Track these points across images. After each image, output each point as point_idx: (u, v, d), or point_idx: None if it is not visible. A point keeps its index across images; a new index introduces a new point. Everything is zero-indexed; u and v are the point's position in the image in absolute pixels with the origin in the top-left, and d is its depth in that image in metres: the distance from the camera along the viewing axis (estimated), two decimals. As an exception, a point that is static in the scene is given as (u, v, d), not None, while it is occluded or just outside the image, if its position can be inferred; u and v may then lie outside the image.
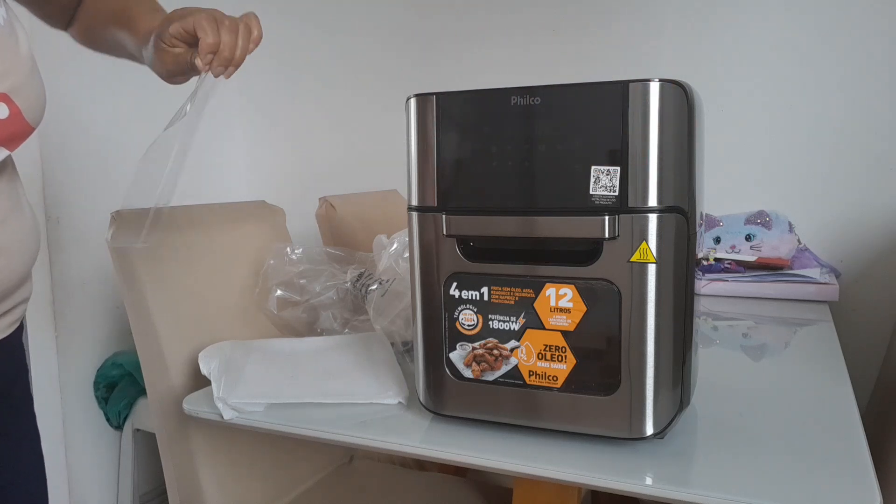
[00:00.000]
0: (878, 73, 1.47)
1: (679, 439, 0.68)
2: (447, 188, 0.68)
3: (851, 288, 1.49)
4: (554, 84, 0.62)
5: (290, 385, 0.84)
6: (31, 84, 0.64)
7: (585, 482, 0.62)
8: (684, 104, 0.61)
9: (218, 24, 0.72)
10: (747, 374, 0.95)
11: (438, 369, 0.71)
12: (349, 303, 1.10)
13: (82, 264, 1.66)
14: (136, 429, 1.70)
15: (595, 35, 1.72)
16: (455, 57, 1.90)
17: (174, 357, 0.94)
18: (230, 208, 1.19)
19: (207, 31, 0.71)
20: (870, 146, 1.49)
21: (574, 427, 0.66)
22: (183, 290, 0.99)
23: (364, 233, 1.43)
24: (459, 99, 0.67)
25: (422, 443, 0.71)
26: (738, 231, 1.54)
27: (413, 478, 1.24)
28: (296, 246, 1.14)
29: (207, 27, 0.71)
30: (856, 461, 0.62)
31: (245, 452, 1.04)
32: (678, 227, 0.62)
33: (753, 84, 1.57)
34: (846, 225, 1.52)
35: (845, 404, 0.76)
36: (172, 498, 0.98)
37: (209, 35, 0.71)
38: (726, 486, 0.58)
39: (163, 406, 0.93)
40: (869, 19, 1.46)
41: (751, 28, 1.57)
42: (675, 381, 0.65)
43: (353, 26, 2.02)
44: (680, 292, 0.64)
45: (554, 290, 0.65)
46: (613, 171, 0.61)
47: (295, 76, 2.13)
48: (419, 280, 0.71)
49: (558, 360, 0.65)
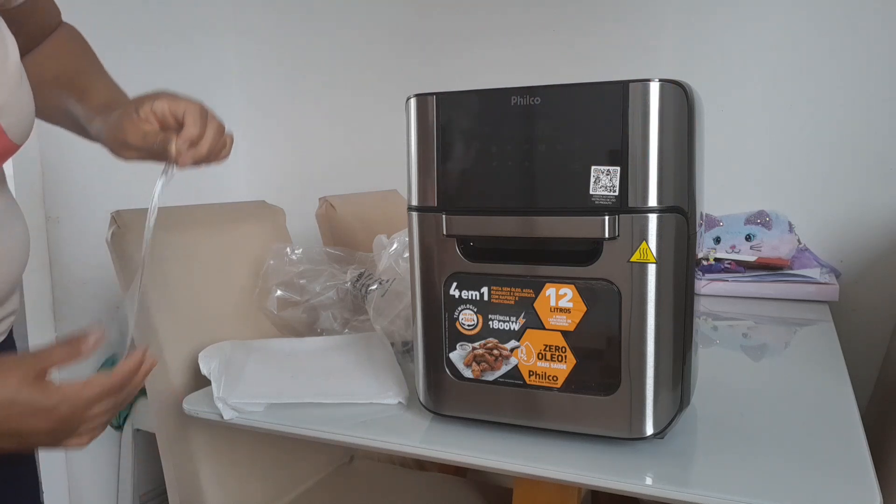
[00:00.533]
0: (878, 72, 1.47)
1: (679, 439, 0.68)
2: (447, 188, 0.68)
3: (851, 288, 1.49)
4: (554, 84, 0.62)
5: (290, 385, 0.84)
6: (17, 100, 0.62)
7: (585, 482, 0.62)
8: (684, 104, 0.61)
9: (207, 119, 0.70)
10: (747, 374, 0.95)
11: (438, 369, 0.71)
12: (349, 303, 1.10)
13: (82, 264, 1.66)
14: (136, 429, 1.70)
15: (595, 35, 1.72)
16: (455, 57, 1.90)
17: (174, 357, 0.94)
18: (230, 208, 1.19)
19: (196, 121, 0.68)
20: (870, 146, 1.49)
21: (574, 427, 0.66)
22: (183, 290, 0.99)
23: (364, 233, 1.43)
24: (459, 99, 0.67)
25: (422, 443, 0.71)
26: (738, 231, 1.54)
27: (413, 478, 1.24)
28: (296, 246, 1.14)
29: (198, 118, 0.68)
30: (856, 461, 0.62)
31: (245, 452, 1.04)
32: (678, 227, 0.62)
33: (753, 84, 1.57)
34: (846, 225, 1.52)
35: (845, 404, 0.76)
36: (172, 498, 0.98)
37: (196, 127, 0.68)
38: (726, 486, 0.58)
39: (163, 406, 0.93)
40: (869, 19, 1.46)
41: (751, 28, 1.56)
42: (675, 381, 0.65)
43: (353, 26, 2.02)
44: (680, 292, 0.64)
45: (554, 290, 0.65)
46: (613, 171, 0.61)
47: (295, 76, 2.13)
48: (419, 280, 0.71)
49: (558, 360, 0.65)
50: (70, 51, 0.83)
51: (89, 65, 0.83)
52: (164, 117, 0.68)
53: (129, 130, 0.68)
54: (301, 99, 2.13)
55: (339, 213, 1.48)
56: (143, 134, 0.68)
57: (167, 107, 0.68)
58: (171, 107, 0.68)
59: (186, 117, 0.68)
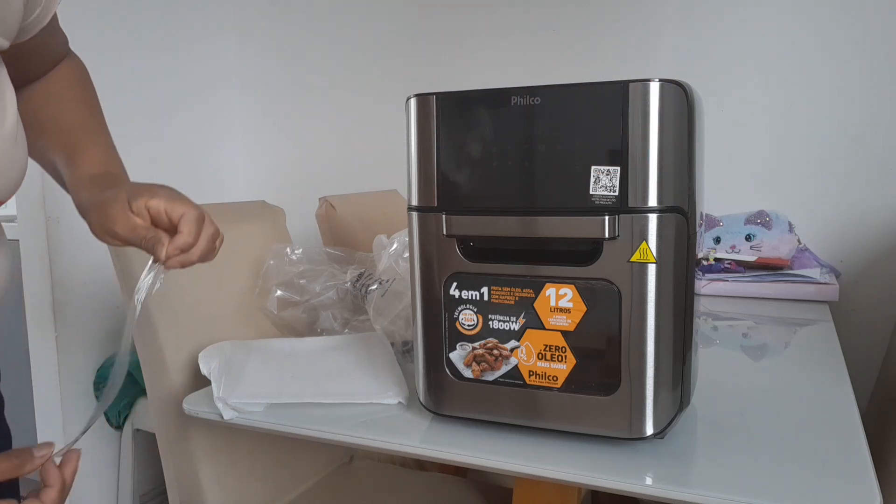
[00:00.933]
0: (878, 73, 1.47)
1: (679, 439, 0.68)
2: (447, 188, 0.68)
3: (851, 288, 1.49)
4: (554, 84, 0.62)
5: (290, 385, 0.84)
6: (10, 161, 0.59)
7: (585, 482, 0.62)
8: (684, 104, 0.61)
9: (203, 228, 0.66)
10: (747, 374, 0.95)
11: (438, 369, 0.71)
12: (349, 303, 1.10)
13: (82, 264, 1.66)
14: (136, 429, 1.70)
15: (595, 35, 1.72)
16: (455, 57, 1.90)
17: (174, 357, 0.94)
18: (230, 208, 1.19)
19: (192, 231, 0.65)
20: (870, 146, 1.49)
21: (574, 427, 0.66)
22: (183, 290, 0.99)
23: (364, 233, 1.43)
24: (459, 99, 0.67)
25: (422, 443, 0.71)
26: (738, 231, 1.54)
27: (413, 478, 1.24)
28: (296, 246, 1.14)
29: (194, 227, 0.65)
30: (856, 461, 0.62)
31: (245, 452, 1.04)
32: (678, 227, 0.62)
33: (753, 84, 1.57)
34: (846, 225, 1.52)
35: (845, 404, 0.76)
36: (172, 498, 0.98)
37: (191, 236, 0.64)
38: (726, 486, 0.58)
39: (163, 406, 0.93)
40: (869, 19, 1.46)
41: (751, 28, 1.57)
42: (675, 381, 0.65)
43: (353, 26, 2.02)
44: (680, 292, 0.64)
45: (554, 290, 0.65)
46: (613, 171, 0.61)
47: (295, 76, 2.13)
48: (419, 280, 0.71)
49: (558, 360, 0.65)
50: (72, 96, 0.78)
51: (89, 115, 0.78)
52: (159, 216, 0.65)
53: (119, 220, 0.64)
54: (301, 99, 2.13)
55: (339, 213, 1.48)
56: (133, 227, 0.64)
57: (164, 207, 0.65)
58: (167, 208, 0.65)
59: (182, 224, 0.64)
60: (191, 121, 2.01)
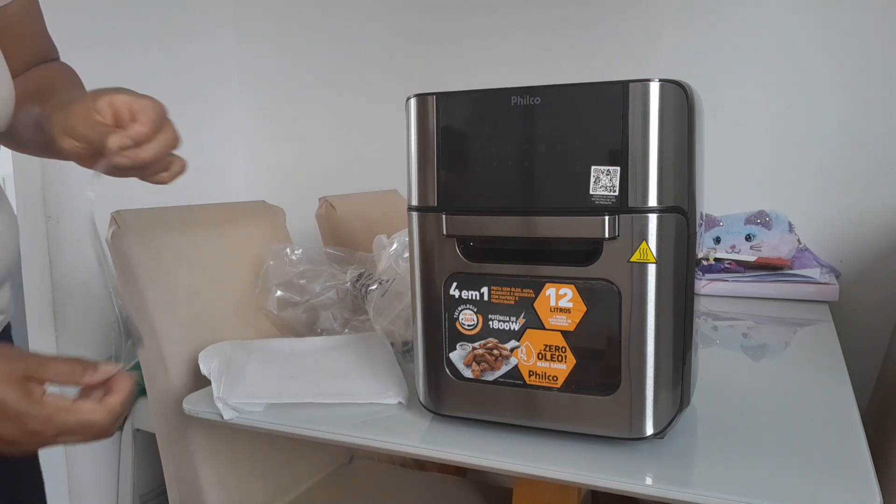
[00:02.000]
0: (877, 73, 1.47)
1: (679, 439, 0.68)
2: (447, 188, 0.68)
3: (851, 288, 1.49)
4: (554, 84, 0.62)
5: (290, 385, 0.84)
6: None
7: (585, 482, 0.62)
8: (684, 104, 0.61)
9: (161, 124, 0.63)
10: (747, 374, 0.95)
11: (438, 369, 0.71)
12: (349, 303, 1.10)
13: (82, 264, 1.66)
14: (136, 429, 1.70)
15: (595, 35, 1.72)
16: (455, 57, 1.90)
17: (174, 357, 0.94)
18: (230, 208, 1.19)
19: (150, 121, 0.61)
20: (870, 146, 1.49)
21: (574, 427, 0.66)
22: (183, 290, 0.99)
23: (364, 233, 1.43)
24: (459, 99, 0.67)
25: (422, 443, 0.71)
26: (738, 231, 1.54)
27: (413, 478, 1.24)
28: (296, 246, 1.14)
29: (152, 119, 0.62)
30: (856, 461, 0.62)
31: (245, 452, 1.04)
32: (678, 227, 0.62)
33: (753, 84, 1.57)
34: (846, 225, 1.52)
35: (845, 404, 0.76)
36: (172, 498, 0.98)
37: (147, 126, 0.61)
38: (726, 486, 0.58)
39: (163, 406, 0.93)
40: (869, 19, 1.46)
41: (751, 28, 1.57)
42: (675, 381, 0.65)
43: (353, 26, 2.02)
44: (680, 292, 0.64)
45: (554, 290, 0.65)
46: (613, 171, 0.61)
47: (295, 76, 2.13)
48: (419, 280, 0.71)
49: (558, 360, 0.65)
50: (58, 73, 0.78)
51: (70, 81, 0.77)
52: (120, 114, 0.62)
53: (80, 116, 0.62)
54: (301, 99, 2.13)
55: (339, 213, 1.48)
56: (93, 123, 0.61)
57: (126, 102, 0.61)
58: (130, 102, 0.61)
59: (140, 114, 0.61)
60: (190, 121, 1.99)
